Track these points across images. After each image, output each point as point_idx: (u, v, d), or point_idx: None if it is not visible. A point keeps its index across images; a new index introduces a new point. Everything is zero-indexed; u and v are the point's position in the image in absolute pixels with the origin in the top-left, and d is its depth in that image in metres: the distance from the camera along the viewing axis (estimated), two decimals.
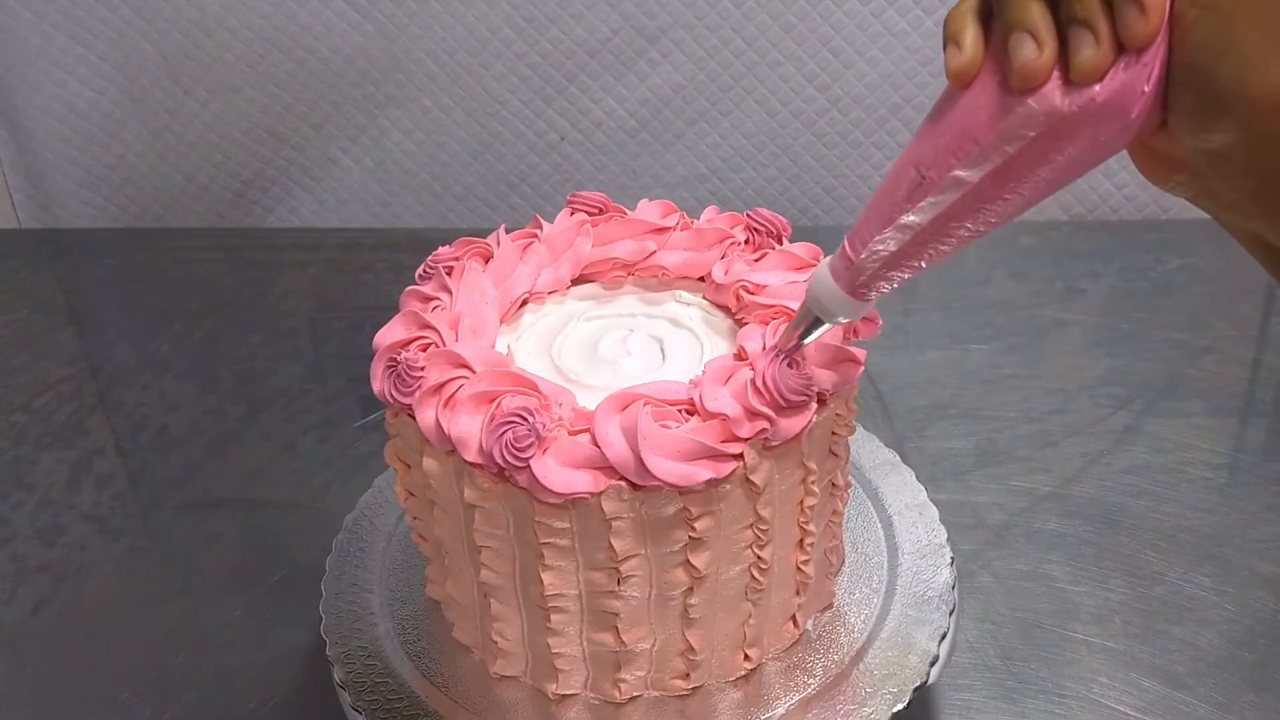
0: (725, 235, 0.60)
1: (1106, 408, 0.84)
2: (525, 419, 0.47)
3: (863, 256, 0.42)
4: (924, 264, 0.41)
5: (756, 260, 0.58)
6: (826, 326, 0.47)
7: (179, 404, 0.91)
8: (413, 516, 0.58)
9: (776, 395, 0.48)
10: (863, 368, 0.52)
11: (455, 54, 1.12)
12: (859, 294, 0.44)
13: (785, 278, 0.56)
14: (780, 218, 0.60)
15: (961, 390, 0.87)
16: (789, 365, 0.48)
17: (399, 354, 0.51)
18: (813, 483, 0.53)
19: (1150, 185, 0.39)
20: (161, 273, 1.13)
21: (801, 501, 0.54)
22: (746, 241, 0.61)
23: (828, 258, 0.45)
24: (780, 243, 0.60)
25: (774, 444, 0.49)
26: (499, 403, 0.48)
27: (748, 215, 0.61)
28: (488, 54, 1.12)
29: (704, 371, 0.50)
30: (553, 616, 0.52)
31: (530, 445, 0.47)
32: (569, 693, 0.55)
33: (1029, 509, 0.75)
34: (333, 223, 1.22)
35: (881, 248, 0.41)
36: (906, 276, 0.42)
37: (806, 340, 0.48)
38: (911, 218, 0.40)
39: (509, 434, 0.47)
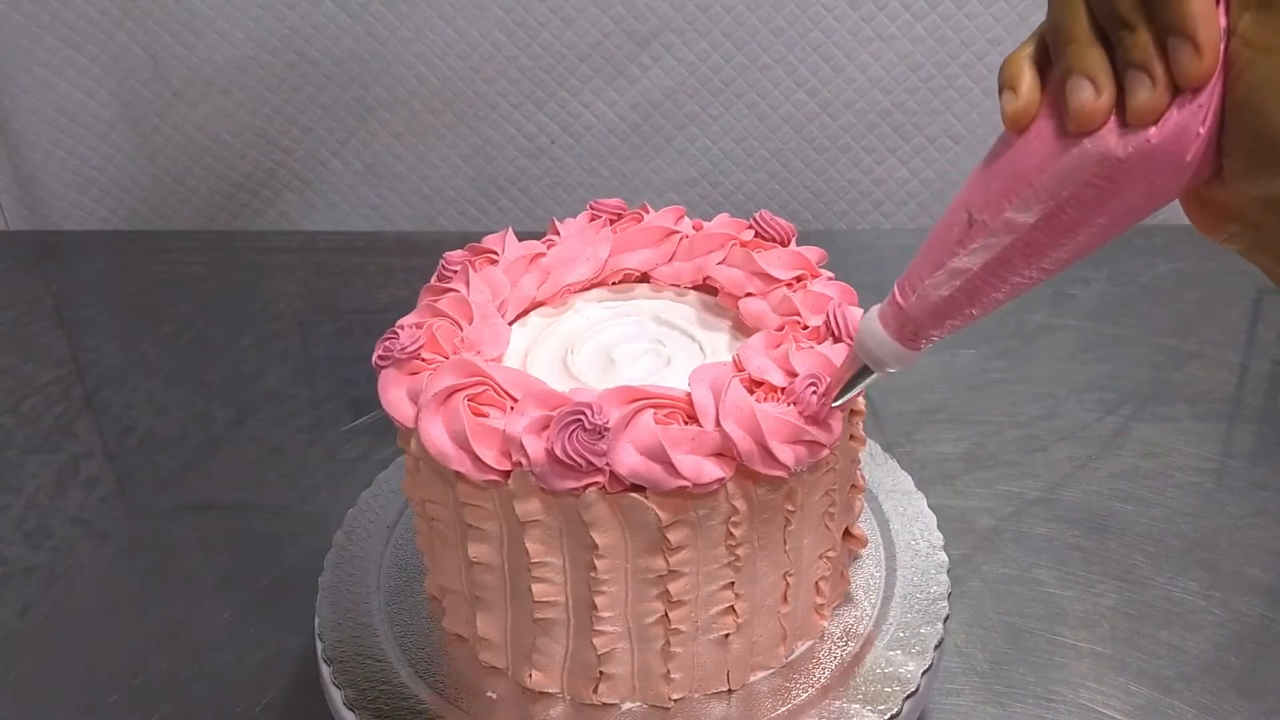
0: (731, 238, 0.61)
1: (1095, 412, 0.85)
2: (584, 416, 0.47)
3: (913, 301, 0.41)
4: (976, 312, 0.40)
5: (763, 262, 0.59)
6: (874, 376, 0.46)
7: (167, 407, 0.91)
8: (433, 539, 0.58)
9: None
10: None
11: (446, 57, 1.12)
12: (909, 343, 0.43)
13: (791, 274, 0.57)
14: (786, 222, 0.61)
15: (950, 395, 0.88)
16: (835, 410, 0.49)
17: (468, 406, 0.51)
18: (835, 491, 0.54)
19: None
20: (150, 275, 1.13)
21: (827, 510, 0.55)
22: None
23: (875, 305, 0.44)
24: (786, 246, 0.60)
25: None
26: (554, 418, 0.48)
27: (754, 219, 0.61)
28: (478, 58, 1.12)
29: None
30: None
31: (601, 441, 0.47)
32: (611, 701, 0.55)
33: (1017, 513, 0.75)
34: (322, 226, 1.22)
35: (933, 293, 0.40)
36: (959, 325, 0.41)
37: (853, 391, 0.47)
38: (964, 261, 0.39)
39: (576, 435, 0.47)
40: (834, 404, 0.48)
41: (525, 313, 0.61)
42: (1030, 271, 0.38)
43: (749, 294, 0.58)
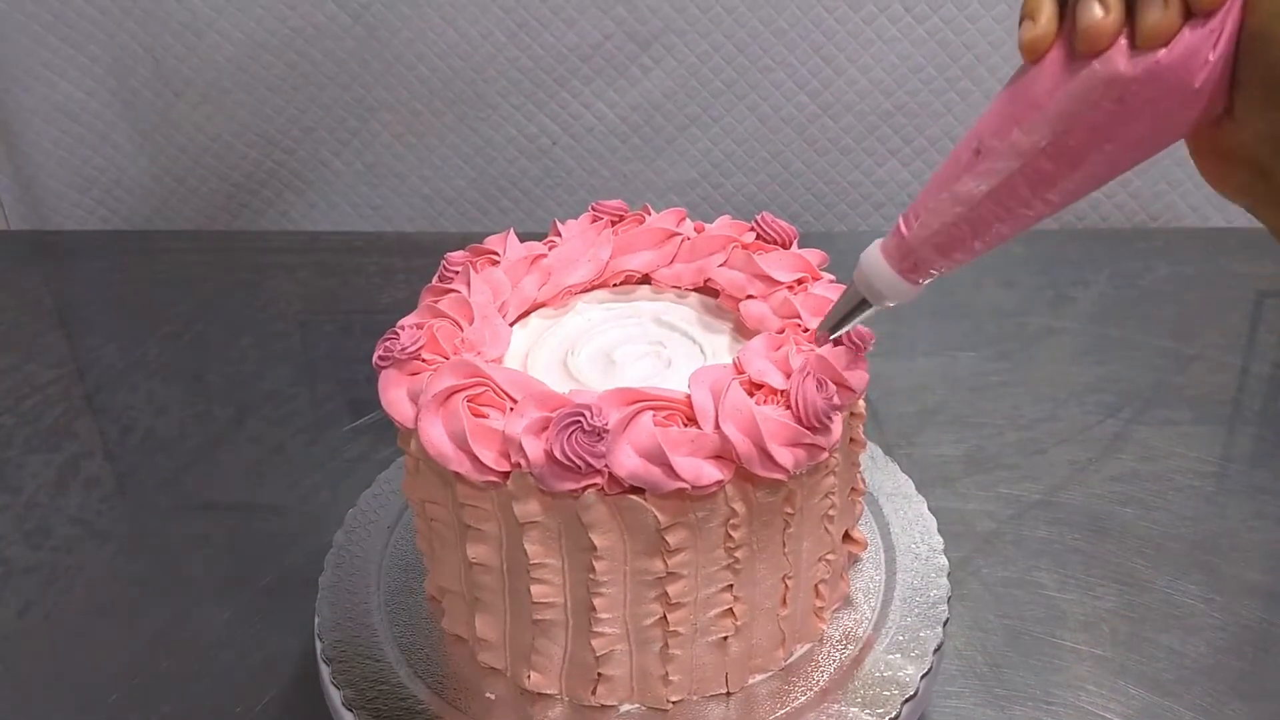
0: (732, 240, 0.61)
1: (1095, 415, 0.85)
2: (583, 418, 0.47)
3: (916, 230, 0.41)
4: (979, 245, 0.41)
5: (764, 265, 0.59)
6: (872, 310, 0.46)
7: (167, 407, 0.91)
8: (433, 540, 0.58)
9: (809, 417, 0.48)
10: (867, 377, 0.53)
11: (447, 58, 1.12)
12: (909, 275, 0.43)
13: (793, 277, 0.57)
14: (787, 224, 0.61)
15: (951, 397, 0.88)
16: (833, 345, 0.48)
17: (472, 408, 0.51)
18: (835, 494, 0.54)
19: (1141, 194, 0.39)
20: (151, 275, 1.13)
21: (826, 513, 0.55)
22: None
23: (879, 239, 0.44)
24: (787, 249, 0.60)
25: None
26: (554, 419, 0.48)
27: (755, 221, 0.61)
28: (480, 58, 1.12)
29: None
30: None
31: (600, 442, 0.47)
32: (610, 703, 0.55)
33: (1017, 516, 0.75)
34: (323, 226, 1.22)
35: (937, 221, 0.40)
36: (960, 259, 0.41)
37: (850, 324, 0.47)
38: (969, 186, 0.39)
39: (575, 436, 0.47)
40: (830, 336, 0.48)
41: (526, 314, 0.61)
42: (1036, 202, 0.39)
43: (750, 296, 0.58)
